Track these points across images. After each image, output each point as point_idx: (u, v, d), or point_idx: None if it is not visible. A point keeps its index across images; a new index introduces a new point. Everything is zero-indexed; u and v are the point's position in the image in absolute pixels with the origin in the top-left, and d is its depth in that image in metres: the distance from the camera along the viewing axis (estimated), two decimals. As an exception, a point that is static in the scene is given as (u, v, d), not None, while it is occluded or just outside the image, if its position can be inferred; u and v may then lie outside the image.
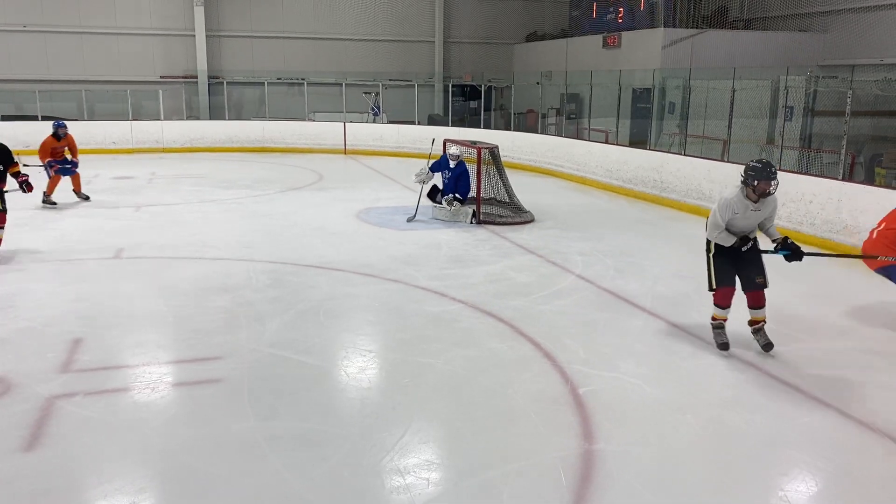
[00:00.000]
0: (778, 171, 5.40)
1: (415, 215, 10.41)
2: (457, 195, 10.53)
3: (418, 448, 4.13)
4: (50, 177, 11.16)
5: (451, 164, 10.61)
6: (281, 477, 3.83)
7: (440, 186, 10.79)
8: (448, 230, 9.94)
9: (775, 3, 19.38)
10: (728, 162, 11.48)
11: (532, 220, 10.67)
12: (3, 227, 7.85)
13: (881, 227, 6.51)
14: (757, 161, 5.47)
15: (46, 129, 18.46)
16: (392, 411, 4.60)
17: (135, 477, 3.82)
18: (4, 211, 7.80)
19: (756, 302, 5.61)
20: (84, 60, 21.60)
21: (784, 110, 13.08)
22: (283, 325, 6.08)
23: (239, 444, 4.14)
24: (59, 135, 11.39)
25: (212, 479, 3.81)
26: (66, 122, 11.78)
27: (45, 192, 11.21)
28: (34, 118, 19.24)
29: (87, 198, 11.80)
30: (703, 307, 6.76)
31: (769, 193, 5.40)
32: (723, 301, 5.63)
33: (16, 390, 4.75)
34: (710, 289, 5.64)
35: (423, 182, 10.62)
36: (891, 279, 6.46)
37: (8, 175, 8.07)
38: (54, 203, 11.28)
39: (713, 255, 5.61)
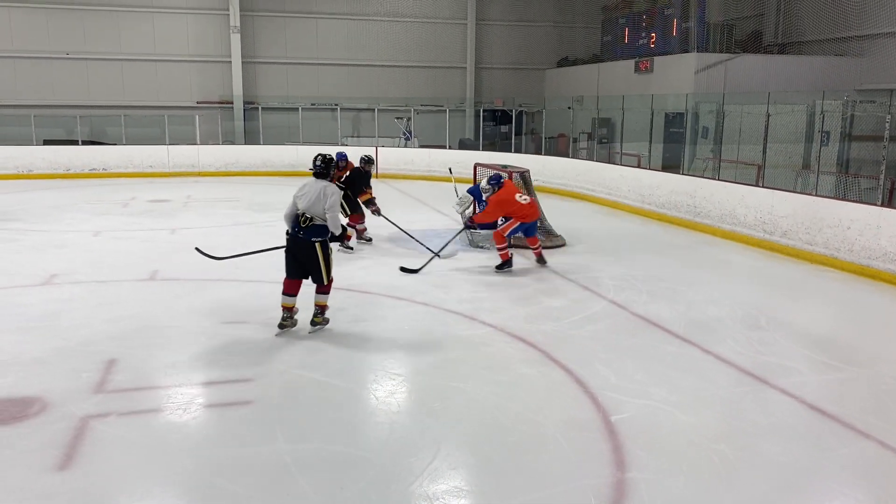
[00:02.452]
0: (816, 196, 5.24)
1: (472, 242, 10.05)
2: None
3: (448, 474, 4.09)
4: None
5: (484, 196, 10.64)
6: (309, 500, 3.82)
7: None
8: (478, 254, 9.93)
9: (810, 28, 19.20)
10: (763, 187, 11.32)
11: (563, 245, 10.61)
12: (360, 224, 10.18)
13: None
14: None
15: (87, 153, 19.23)
16: (421, 436, 4.57)
17: (165, 497, 3.85)
18: (362, 214, 10.18)
19: None
20: (124, 86, 22.15)
21: (820, 135, 12.89)
22: (313, 348, 6.10)
23: (268, 466, 4.14)
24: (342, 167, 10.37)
25: (241, 500, 3.82)
26: (346, 154, 10.53)
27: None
28: (75, 142, 19.76)
29: (369, 240, 10.71)
30: (738, 334, 6.67)
31: None
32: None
33: (51, 410, 4.82)
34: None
35: (466, 208, 10.52)
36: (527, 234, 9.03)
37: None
38: (369, 239, 10.68)
39: None
